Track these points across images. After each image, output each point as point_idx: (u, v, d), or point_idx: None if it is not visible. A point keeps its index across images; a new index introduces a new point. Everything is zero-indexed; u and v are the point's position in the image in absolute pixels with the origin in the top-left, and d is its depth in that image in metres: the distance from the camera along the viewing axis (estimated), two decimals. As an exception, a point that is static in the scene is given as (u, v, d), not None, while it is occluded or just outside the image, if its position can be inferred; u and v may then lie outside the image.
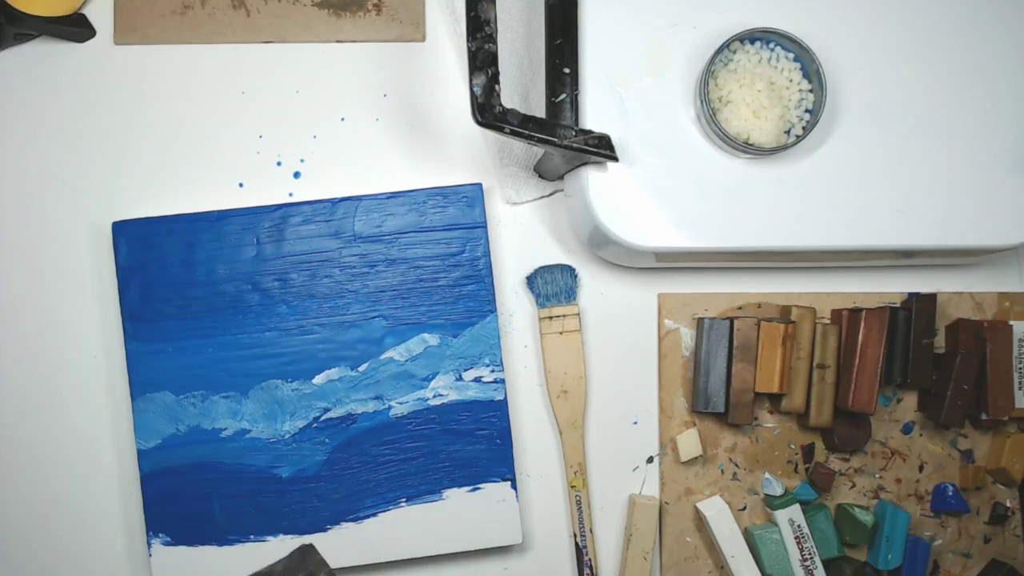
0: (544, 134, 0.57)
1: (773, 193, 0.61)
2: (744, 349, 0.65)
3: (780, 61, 0.61)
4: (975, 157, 0.62)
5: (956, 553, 0.69)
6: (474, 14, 0.55)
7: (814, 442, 0.68)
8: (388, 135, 0.69)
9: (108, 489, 0.66)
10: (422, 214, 0.66)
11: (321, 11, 0.68)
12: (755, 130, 0.61)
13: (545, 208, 0.69)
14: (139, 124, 0.68)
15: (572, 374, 0.67)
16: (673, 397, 0.68)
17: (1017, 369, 0.67)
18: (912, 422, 0.69)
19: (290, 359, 0.65)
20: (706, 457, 0.68)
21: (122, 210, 0.67)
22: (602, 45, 0.60)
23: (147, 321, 0.64)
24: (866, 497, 0.69)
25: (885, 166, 0.62)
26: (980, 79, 0.63)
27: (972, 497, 0.69)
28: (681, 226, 0.61)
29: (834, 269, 0.70)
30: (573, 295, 0.68)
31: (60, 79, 0.67)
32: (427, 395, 0.65)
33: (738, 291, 0.69)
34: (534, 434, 0.68)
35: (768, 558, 0.65)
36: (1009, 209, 0.63)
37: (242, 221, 0.65)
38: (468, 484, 0.65)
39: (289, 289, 0.65)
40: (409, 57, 0.69)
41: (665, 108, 0.61)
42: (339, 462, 0.65)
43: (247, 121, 0.68)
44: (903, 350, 0.67)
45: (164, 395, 0.64)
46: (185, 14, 0.68)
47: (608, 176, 0.60)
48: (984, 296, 0.70)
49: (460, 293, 0.65)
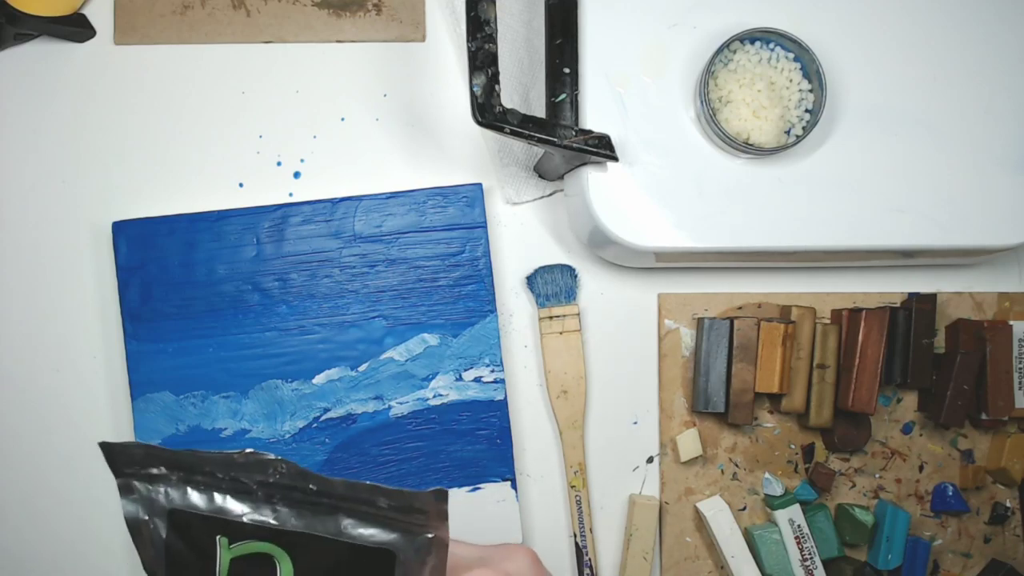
0: (544, 134, 0.57)
1: (773, 193, 0.61)
2: (744, 349, 0.65)
3: (780, 61, 0.61)
4: (975, 157, 0.63)
5: (956, 553, 0.69)
6: (474, 14, 0.55)
7: (814, 442, 0.68)
8: (388, 135, 0.69)
9: (108, 489, 0.66)
10: (422, 214, 0.66)
11: (321, 11, 0.68)
12: (755, 130, 0.61)
13: (545, 208, 0.69)
14: (139, 124, 0.68)
15: (572, 374, 0.67)
16: (673, 397, 0.68)
17: (1017, 369, 0.67)
18: (912, 422, 0.69)
19: (290, 359, 0.65)
20: (706, 457, 0.68)
21: (122, 210, 0.67)
22: (602, 45, 0.60)
23: (147, 321, 0.64)
24: (866, 497, 0.69)
25: (885, 166, 0.62)
26: (980, 79, 0.63)
27: (972, 497, 0.69)
28: (681, 226, 0.61)
29: (834, 269, 0.70)
30: (573, 295, 0.68)
31: (60, 79, 0.67)
32: (427, 395, 0.65)
33: (738, 291, 0.69)
34: (534, 434, 0.68)
35: (768, 558, 0.65)
36: (1009, 209, 0.63)
37: (242, 221, 0.65)
38: (468, 484, 0.65)
39: (289, 289, 0.65)
40: (409, 57, 0.69)
41: (665, 108, 0.61)
42: (339, 462, 0.65)
43: (247, 121, 0.68)
44: (903, 350, 0.67)
45: (164, 395, 0.64)
46: (185, 14, 0.68)
47: (608, 176, 0.60)
48: (984, 296, 0.70)
49: (460, 293, 0.65)
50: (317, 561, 0.38)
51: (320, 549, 0.38)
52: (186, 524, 0.39)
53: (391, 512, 0.38)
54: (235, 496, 0.39)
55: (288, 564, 0.38)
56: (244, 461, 0.38)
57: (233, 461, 0.38)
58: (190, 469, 0.39)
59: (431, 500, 0.37)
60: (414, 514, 0.38)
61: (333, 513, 0.38)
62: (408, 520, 0.38)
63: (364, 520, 0.38)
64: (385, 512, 0.38)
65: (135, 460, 0.39)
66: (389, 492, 0.37)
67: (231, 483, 0.38)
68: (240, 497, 0.39)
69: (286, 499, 0.38)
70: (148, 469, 0.39)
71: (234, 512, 0.39)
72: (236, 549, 0.38)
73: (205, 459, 0.38)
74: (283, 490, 0.38)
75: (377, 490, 0.38)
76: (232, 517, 0.38)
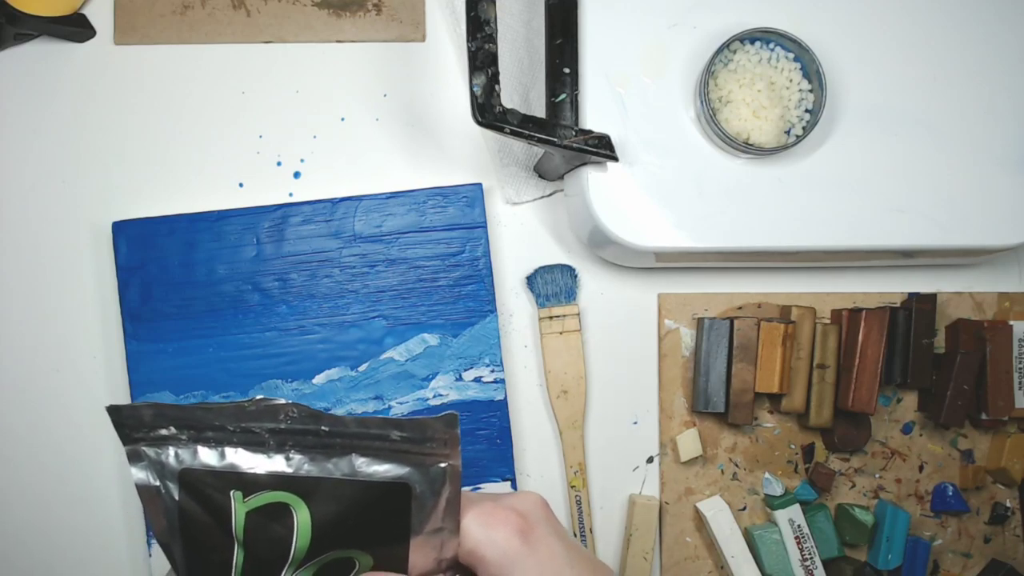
0: (544, 134, 0.57)
1: (773, 193, 0.61)
2: (744, 349, 0.65)
3: (780, 61, 0.61)
4: (975, 157, 0.62)
5: (956, 553, 0.69)
6: (474, 14, 0.55)
7: (814, 442, 0.68)
8: (388, 135, 0.69)
9: (108, 489, 0.66)
10: (422, 214, 0.66)
11: (321, 11, 0.68)
12: (755, 130, 0.61)
13: (545, 208, 0.69)
14: (139, 124, 0.68)
15: (572, 374, 0.67)
16: (673, 397, 0.68)
17: (1017, 369, 0.67)
18: (912, 422, 0.69)
19: (290, 359, 0.65)
20: (706, 457, 0.68)
21: (122, 210, 0.67)
22: (602, 45, 0.60)
23: (147, 321, 0.64)
24: (866, 497, 0.69)
25: (885, 166, 0.62)
26: (980, 79, 0.63)
27: (972, 497, 0.69)
28: (681, 226, 0.61)
29: (834, 269, 0.70)
30: (573, 295, 0.68)
31: (60, 79, 0.67)
32: (427, 395, 0.65)
33: (738, 291, 0.69)
34: (534, 434, 0.68)
35: (768, 558, 0.65)
36: (1009, 209, 0.63)
37: (242, 221, 0.65)
38: (468, 484, 0.65)
39: (289, 289, 0.65)
40: (409, 57, 0.69)
41: (665, 108, 0.61)
42: (339, 462, 0.65)
43: (247, 121, 0.68)
44: (903, 350, 0.67)
45: (164, 395, 0.64)
46: (185, 14, 0.68)
47: (608, 176, 0.60)
48: (984, 296, 0.70)
49: (460, 293, 0.65)
50: (333, 503, 0.38)
51: (335, 491, 0.38)
52: (199, 483, 0.38)
53: (404, 444, 0.38)
54: (247, 448, 0.38)
55: (304, 510, 0.38)
56: (255, 409, 0.38)
57: (244, 410, 0.38)
58: (199, 425, 0.38)
59: (441, 427, 0.38)
60: (427, 443, 0.38)
61: (346, 453, 0.38)
62: (421, 451, 0.38)
63: (377, 456, 0.38)
64: (398, 445, 0.38)
65: (144, 423, 0.38)
66: (401, 423, 0.38)
67: (242, 435, 0.38)
68: (252, 448, 0.38)
69: (298, 444, 0.38)
70: (157, 431, 0.38)
71: (247, 465, 0.38)
72: (251, 502, 0.38)
73: (215, 412, 0.38)
74: (295, 435, 0.38)
75: (388, 423, 0.38)
76: (245, 470, 0.38)
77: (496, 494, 0.43)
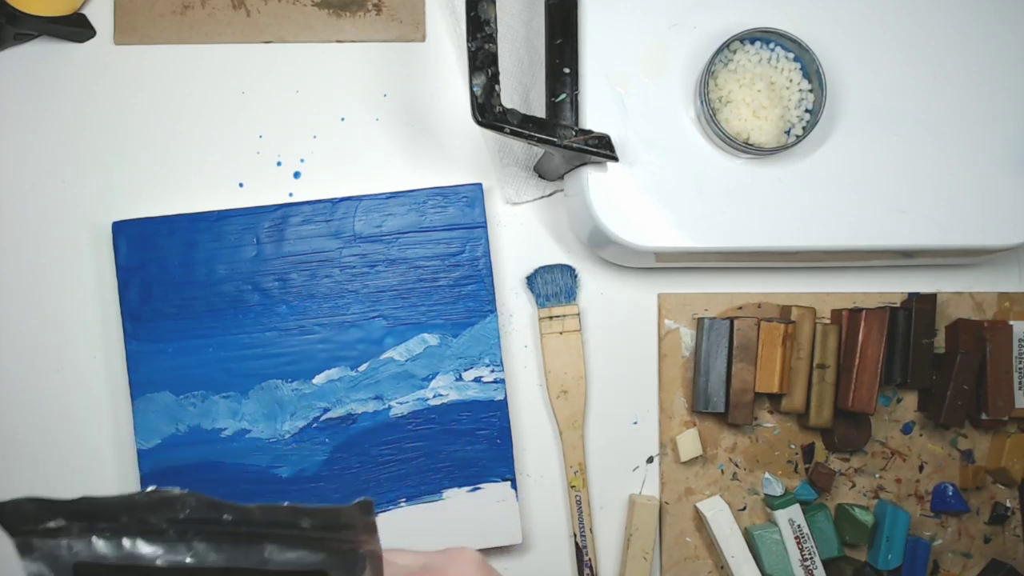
0: (544, 134, 0.57)
1: (773, 193, 0.61)
2: (744, 349, 0.65)
3: (780, 61, 0.61)
4: (975, 157, 0.62)
5: (956, 553, 0.69)
6: (474, 14, 0.55)
7: (814, 442, 0.68)
8: (388, 135, 0.69)
9: (108, 489, 0.66)
10: (422, 214, 0.66)
11: (321, 11, 0.68)
12: (755, 130, 0.61)
13: (545, 208, 0.69)
14: (139, 124, 0.68)
15: (572, 374, 0.67)
16: (673, 397, 0.68)
17: (1017, 369, 0.67)
18: (912, 422, 0.69)
19: (290, 359, 0.65)
20: (706, 457, 0.68)
21: (122, 210, 0.67)
22: (602, 45, 0.60)
23: (147, 321, 0.64)
24: (866, 497, 0.69)
25: (885, 166, 0.62)
26: (980, 79, 0.63)
27: (972, 497, 0.69)
28: (681, 226, 0.61)
29: (834, 269, 0.70)
30: (573, 295, 0.68)
31: (60, 79, 0.67)
32: (427, 395, 0.65)
33: (738, 291, 0.69)
34: (534, 434, 0.68)
35: (768, 558, 0.65)
36: (1009, 209, 0.63)
37: (242, 221, 0.65)
38: (468, 484, 0.65)
39: (289, 289, 0.65)
40: (409, 57, 0.69)
41: (665, 108, 0.61)
42: (339, 462, 0.65)
43: (247, 121, 0.68)
44: (903, 350, 0.67)
45: (164, 395, 0.64)
46: (185, 14, 0.68)
47: (608, 176, 0.60)
48: (984, 296, 0.70)
49: (460, 293, 0.65)
50: None
51: None
52: None
53: (316, 532, 0.36)
54: (145, 538, 0.36)
55: None
56: (148, 501, 0.35)
57: (136, 503, 0.35)
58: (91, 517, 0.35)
59: (356, 513, 0.35)
60: (341, 530, 0.36)
61: (256, 542, 0.36)
62: (336, 537, 0.36)
63: (289, 544, 0.36)
64: (310, 533, 0.36)
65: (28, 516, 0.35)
66: (310, 511, 0.35)
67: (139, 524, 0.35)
68: (150, 538, 0.36)
69: (201, 533, 0.36)
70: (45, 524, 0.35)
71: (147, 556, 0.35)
72: None
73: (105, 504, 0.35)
74: (197, 524, 0.35)
75: (297, 511, 0.35)
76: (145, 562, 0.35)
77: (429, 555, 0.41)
